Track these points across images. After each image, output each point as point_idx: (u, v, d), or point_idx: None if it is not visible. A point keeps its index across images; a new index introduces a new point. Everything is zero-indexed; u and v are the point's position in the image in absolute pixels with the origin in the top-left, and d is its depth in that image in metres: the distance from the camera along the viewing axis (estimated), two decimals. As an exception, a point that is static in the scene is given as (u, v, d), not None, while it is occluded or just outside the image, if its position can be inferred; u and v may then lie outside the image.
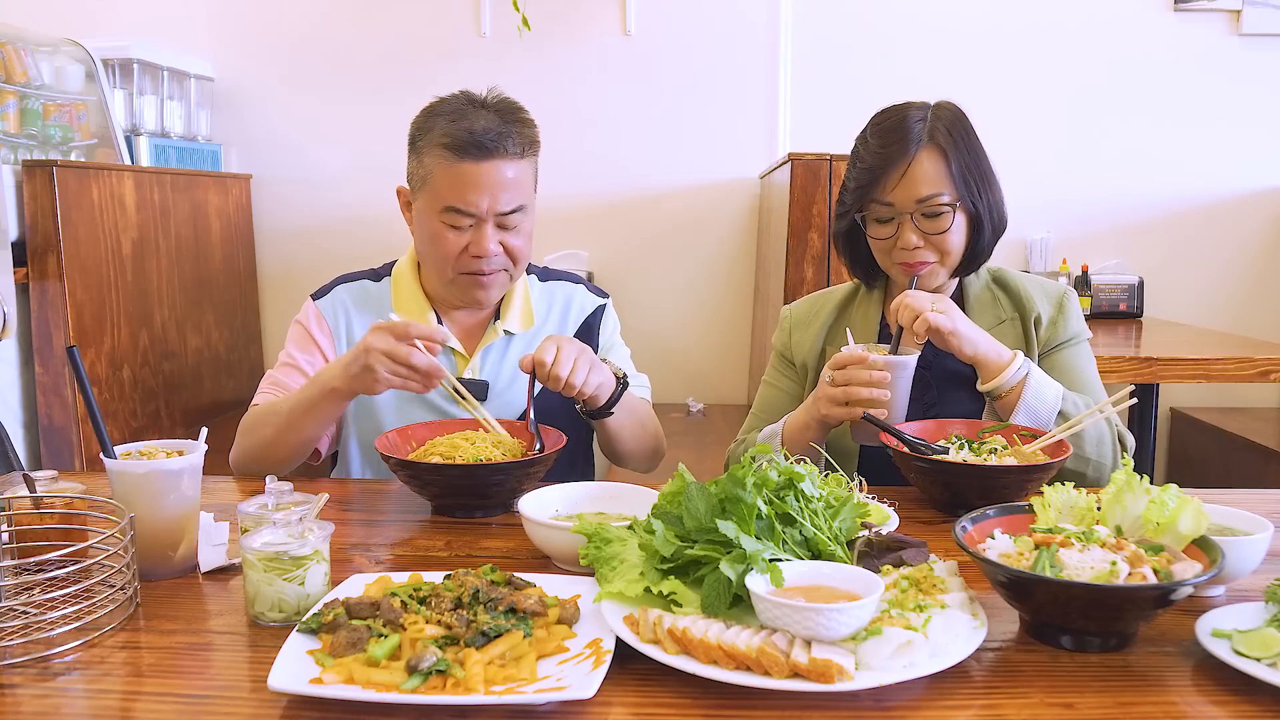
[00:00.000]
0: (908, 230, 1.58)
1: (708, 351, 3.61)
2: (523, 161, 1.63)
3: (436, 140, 1.60)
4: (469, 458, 1.41)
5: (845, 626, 0.89)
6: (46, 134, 2.83)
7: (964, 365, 1.62)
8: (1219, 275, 3.54)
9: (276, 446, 1.59)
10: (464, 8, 3.47)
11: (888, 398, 1.46)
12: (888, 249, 1.62)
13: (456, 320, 1.75)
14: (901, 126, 1.58)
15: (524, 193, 1.64)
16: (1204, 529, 1.02)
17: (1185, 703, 0.88)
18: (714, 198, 3.56)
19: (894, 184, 1.57)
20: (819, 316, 1.76)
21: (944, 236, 1.58)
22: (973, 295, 1.69)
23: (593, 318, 1.82)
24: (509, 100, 1.66)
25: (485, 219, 1.61)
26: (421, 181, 1.65)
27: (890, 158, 1.57)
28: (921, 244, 1.58)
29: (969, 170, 1.58)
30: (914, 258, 1.59)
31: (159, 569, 1.16)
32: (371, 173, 3.54)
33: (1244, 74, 3.43)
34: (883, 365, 1.47)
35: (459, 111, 1.62)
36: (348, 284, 1.79)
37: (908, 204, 1.57)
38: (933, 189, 1.56)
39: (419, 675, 0.86)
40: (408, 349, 1.43)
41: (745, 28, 3.47)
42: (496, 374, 1.72)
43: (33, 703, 0.89)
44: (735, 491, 1.02)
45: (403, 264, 1.79)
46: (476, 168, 1.58)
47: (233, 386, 3.38)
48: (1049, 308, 1.67)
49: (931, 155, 1.57)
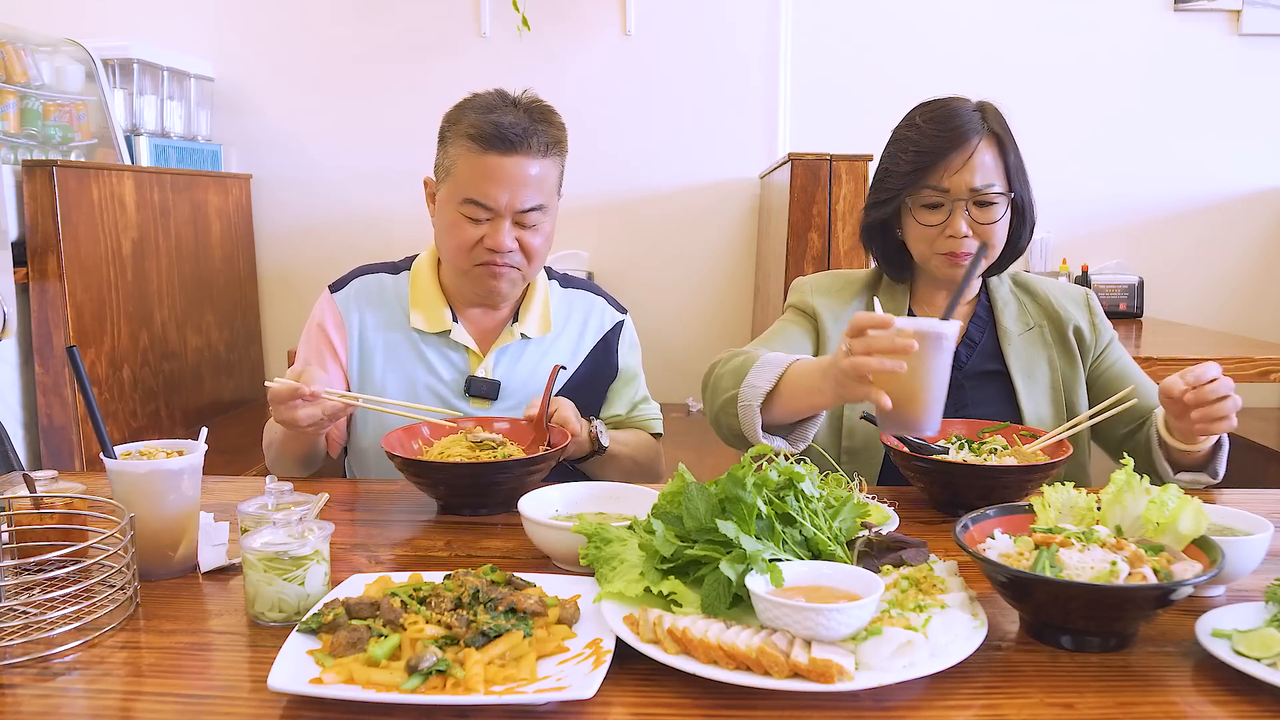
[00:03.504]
0: (959, 218, 1.57)
1: (708, 351, 3.58)
2: (546, 161, 1.63)
3: (464, 131, 1.61)
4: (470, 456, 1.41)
5: (845, 626, 0.89)
6: (46, 134, 2.83)
7: (996, 364, 1.64)
8: (1219, 275, 3.54)
9: (281, 461, 1.70)
10: (464, 8, 3.47)
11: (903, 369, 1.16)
12: (932, 238, 1.60)
13: (473, 319, 1.75)
14: (958, 115, 1.59)
15: (545, 192, 1.64)
16: (1204, 529, 1.02)
17: (1185, 703, 0.88)
18: (714, 198, 3.56)
19: (953, 170, 1.57)
20: (843, 293, 1.72)
21: (992, 228, 1.58)
22: (1000, 300, 1.70)
23: (611, 334, 1.82)
24: (541, 102, 1.67)
25: (504, 214, 1.61)
26: (446, 172, 1.65)
27: (950, 143, 1.57)
28: (970, 233, 1.58)
29: (1018, 166, 1.61)
30: (961, 246, 1.58)
31: (159, 569, 1.16)
32: (371, 173, 3.54)
33: (1244, 74, 3.43)
34: (911, 333, 1.16)
35: (489, 106, 1.63)
36: (365, 277, 1.79)
37: (963, 191, 1.57)
38: (989, 179, 1.57)
39: (419, 675, 0.86)
40: (295, 415, 1.45)
41: (745, 28, 3.47)
42: (510, 375, 1.72)
43: (33, 703, 0.89)
44: (735, 491, 1.02)
45: (422, 259, 1.79)
46: (500, 161, 1.59)
47: (233, 386, 3.38)
48: (1082, 313, 1.69)
49: (990, 145, 1.58)
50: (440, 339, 1.72)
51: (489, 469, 1.38)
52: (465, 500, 1.41)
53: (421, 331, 1.72)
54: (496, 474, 1.38)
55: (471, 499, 1.40)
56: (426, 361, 1.72)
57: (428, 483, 1.42)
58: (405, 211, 3.48)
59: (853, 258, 2.64)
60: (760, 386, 1.39)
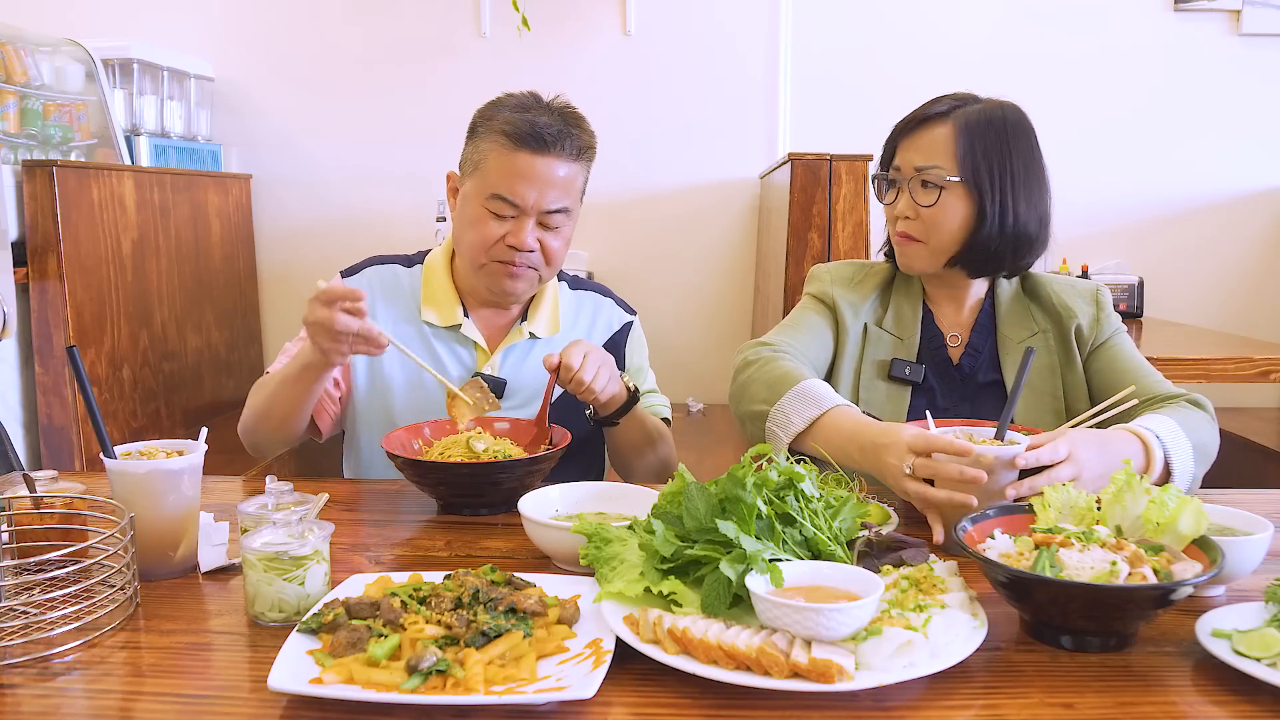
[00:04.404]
0: (904, 196, 1.57)
1: (708, 351, 3.61)
2: (576, 165, 1.64)
3: (498, 127, 1.61)
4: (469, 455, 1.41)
5: (845, 626, 0.89)
6: (46, 134, 2.83)
7: (997, 375, 1.62)
8: (1219, 275, 3.54)
9: (268, 416, 1.61)
10: (464, 8, 3.47)
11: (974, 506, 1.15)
12: (891, 219, 1.61)
13: (483, 317, 1.76)
14: (932, 101, 1.59)
15: (571, 196, 1.65)
16: (1204, 529, 1.02)
17: (1185, 703, 0.88)
18: (714, 198, 3.56)
19: (904, 148, 1.58)
20: (863, 285, 1.70)
21: (931, 212, 1.54)
22: (1004, 306, 1.66)
23: (619, 335, 1.83)
24: (573, 107, 1.69)
25: (529, 213, 1.61)
26: (474, 166, 1.65)
27: (910, 123, 1.58)
28: (912, 215, 1.56)
29: (990, 160, 1.53)
30: (904, 227, 1.57)
31: (159, 569, 1.16)
32: (371, 173, 3.54)
33: (1244, 74, 3.43)
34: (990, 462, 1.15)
35: (525, 105, 1.64)
36: (378, 266, 1.79)
37: (909, 169, 1.57)
38: (932, 159, 1.54)
39: (419, 675, 0.86)
40: (332, 314, 1.41)
41: (745, 28, 3.47)
42: (517, 374, 1.72)
43: (33, 703, 0.89)
44: (735, 491, 1.02)
45: (436, 254, 1.79)
46: (532, 160, 1.59)
47: (233, 386, 3.38)
48: (1087, 307, 1.65)
49: (945, 128, 1.54)
50: (450, 333, 1.73)
51: (489, 469, 1.38)
52: (465, 500, 1.41)
53: (432, 325, 1.73)
54: (496, 474, 1.38)
55: (471, 499, 1.40)
56: (435, 355, 1.72)
57: (428, 483, 1.42)
58: (405, 211, 3.49)
59: (852, 258, 2.64)
60: (794, 424, 1.40)
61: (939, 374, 1.63)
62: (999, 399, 1.60)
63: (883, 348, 1.64)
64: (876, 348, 1.64)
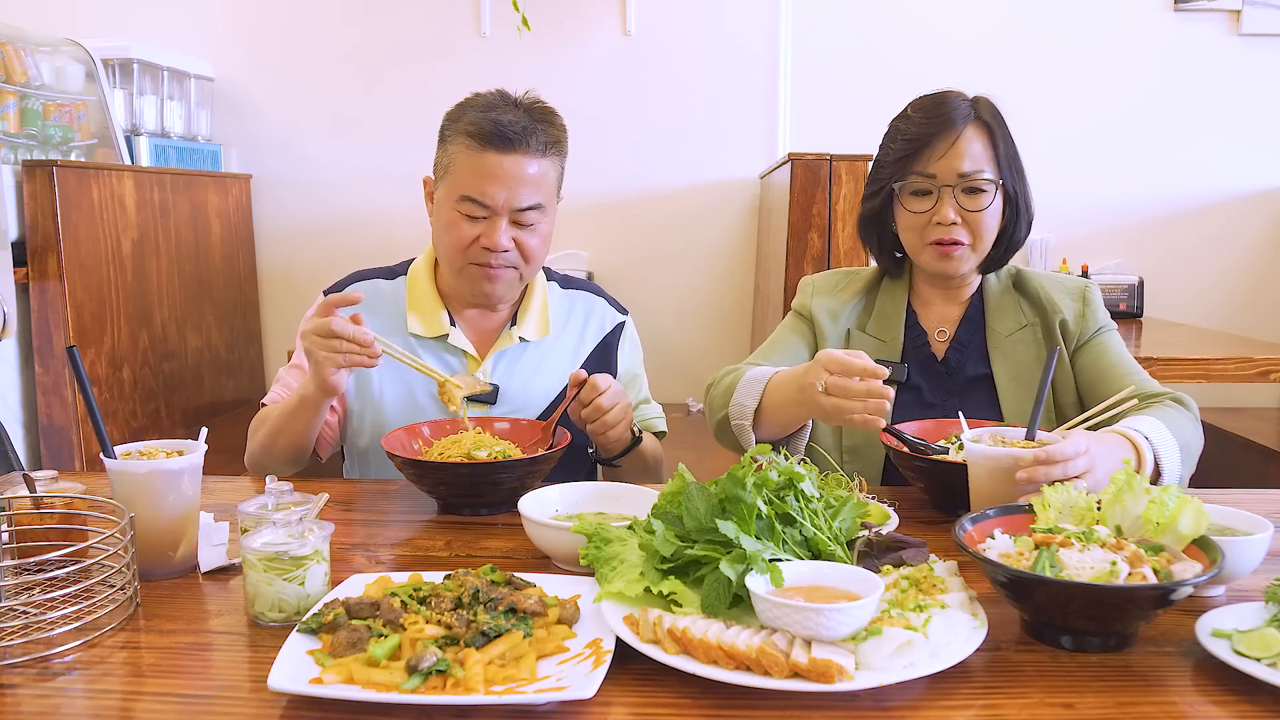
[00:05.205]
0: (946, 204, 1.56)
1: (708, 352, 3.61)
2: (545, 160, 1.63)
3: (464, 128, 1.61)
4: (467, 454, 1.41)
5: (845, 626, 0.89)
6: (46, 134, 2.83)
7: (984, 367, 1.63)
8: (1219, 275, 3.54)
9: (271, 450, 1.64)
10: (464, 8, 3.47)
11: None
12: (921, 226, 1.59)
13: (471, 322, 1.75)
14: (947, 103, 1.58)
15: (543, 192, 1.63)
16: (1204, 529, 1.02)
17: (1185, 703, 0.88)
18: (714, 198, 3.56)
19: (939, 155, 1.56)
20: (845, 291, 1.73)
21: (980, 216, 1.56)
22: (993, 298, 1.68)
23: (611, 336, 1.82)
24: (543, 102, 1.67)
25: (500, 213, 1.60)
26: (444, 170, 1.65)
27: (937, 129, 1.56)
28: (958, 221, 1.57)
29: (1010, 157, 1.59)
30: (949, 234, 1.57)
31: (159, 569, 1.16)
32: (371, 173, 3.54)
33: (1244, 74, 3.43)
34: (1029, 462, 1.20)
35: (490, 104, 1.63)
36: (360, 282, 1.78)
37: (950, 176, 1.56)
38: (977, 164, 1.56)
39: (419, 675, 0.86)
40: (328, 320, 1.43)
41: (745, 28, 3.47)
42: (508, 379, 1.71)
43: (33, 703, 0.89)
44: (735, 491, 1.02)
45: (419, 263, 1.79)
46: (498, 159, 1.58)
47: (233, 386, 3.38)
48: (1072, 303, 1.65)
49: (978, 132, 1.57)
50: (438, 344, 1.72)
51: (489, 469, 1.38)
52: (465, 500, 1.41)
53: (419, 336, 1.72)
54: (496, 474, 1.38)
55: (471, 499, 1.40)
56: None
57: (428, 483, 1.42)
58: (405, 211, 3.48)
59: (852, 258, 2.64)
60: (747, 405, 1.49)
61: (924, 370, 1.65)
62: (988, 392, 1.61)
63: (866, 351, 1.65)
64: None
